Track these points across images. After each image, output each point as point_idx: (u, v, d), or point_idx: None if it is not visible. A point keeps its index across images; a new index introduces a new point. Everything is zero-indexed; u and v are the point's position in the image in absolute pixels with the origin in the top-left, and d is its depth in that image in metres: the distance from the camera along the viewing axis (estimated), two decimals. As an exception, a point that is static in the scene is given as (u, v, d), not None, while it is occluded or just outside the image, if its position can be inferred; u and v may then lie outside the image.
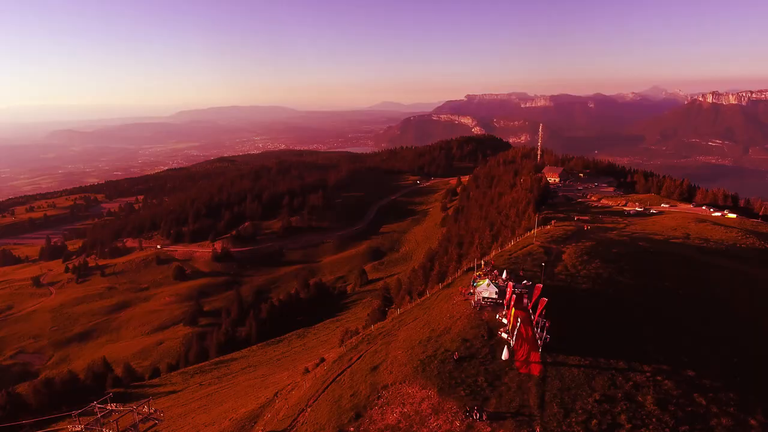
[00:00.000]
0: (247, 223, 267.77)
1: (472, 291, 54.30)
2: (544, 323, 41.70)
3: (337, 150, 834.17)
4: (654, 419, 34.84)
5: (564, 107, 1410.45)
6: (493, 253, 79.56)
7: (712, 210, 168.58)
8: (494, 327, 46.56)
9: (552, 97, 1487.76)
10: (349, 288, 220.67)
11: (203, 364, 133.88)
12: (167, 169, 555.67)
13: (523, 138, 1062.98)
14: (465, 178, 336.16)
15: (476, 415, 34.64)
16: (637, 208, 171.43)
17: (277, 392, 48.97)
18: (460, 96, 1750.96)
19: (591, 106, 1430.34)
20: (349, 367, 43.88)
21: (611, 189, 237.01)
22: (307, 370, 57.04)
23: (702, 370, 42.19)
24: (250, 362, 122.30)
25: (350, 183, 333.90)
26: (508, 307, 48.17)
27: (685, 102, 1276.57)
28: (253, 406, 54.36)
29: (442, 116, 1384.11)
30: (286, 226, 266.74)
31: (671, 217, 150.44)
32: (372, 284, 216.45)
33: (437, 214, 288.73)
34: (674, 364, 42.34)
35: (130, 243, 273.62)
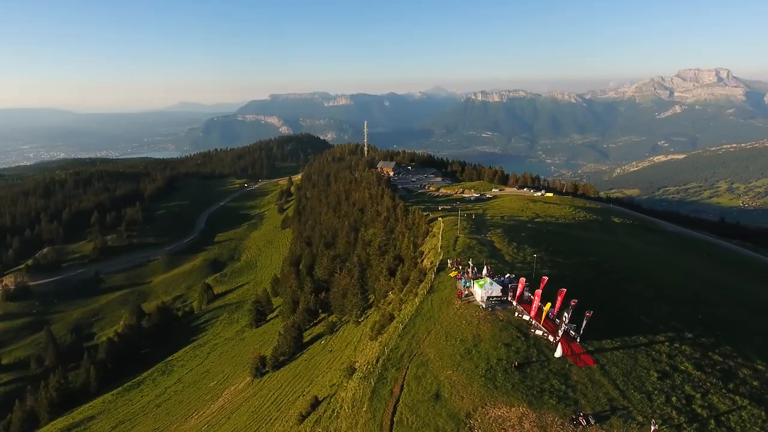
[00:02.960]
0: (46, 249, 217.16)
1: (468, 292, 52.42)
2: (584, 313, 41.93)
3: (133, 156, 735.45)
4: (708, 384, 38.10)
5: (363, 105, 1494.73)
6: (428, 250, 78.45)
7: (532, 191, 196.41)
8: (520, 326, 45.56)
9: (352, 96, 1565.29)
10: (194, 307, 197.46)
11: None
12: None
13: (329, 135, 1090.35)
14: (296, 178, 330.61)
15: (583, 421, 33.06)
16: (474, 195, 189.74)
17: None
18: (265, 96, 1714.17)
19: (387, 104, 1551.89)
20: (397, 402, 37.78)
21: (440, 179, 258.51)
22: (302, 416, 47.66)
23: (690, 330, 47.82)
24: (119, 417, 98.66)
25: (170, 191, 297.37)
26: (528, 302, 47.74)
27: (462, 100, 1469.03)
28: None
29: (247, 116, 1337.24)
30: (100, 246, 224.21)
31: (509, 199, 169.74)
32: (221, 299, 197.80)
33: (275, 217, 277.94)
34: (673, 329, 47.07)
35: None
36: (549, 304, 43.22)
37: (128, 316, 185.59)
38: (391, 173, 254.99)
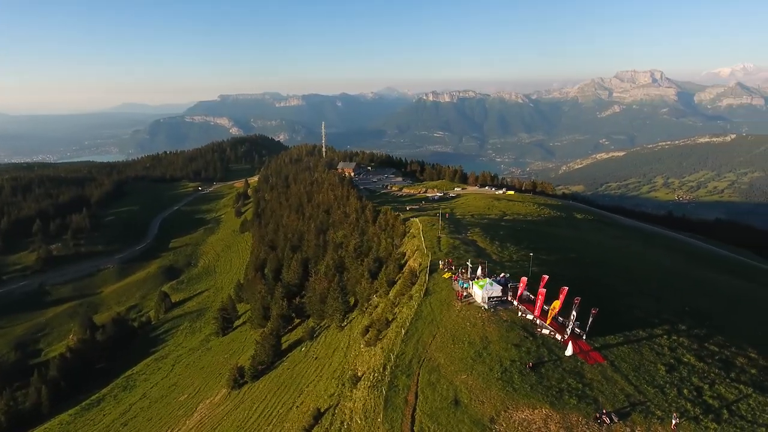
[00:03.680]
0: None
1: (467, 293, 51.99)
2: (584, 310, 42.33)
3: (74, 160, 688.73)
4: (712, 374, 39.31)
5: (315, 106, 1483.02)
6: (412, 251, 77.62)
7: (494, 189, 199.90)
8: (525, 326, 45.55)
9: (303, 97, 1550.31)
10: (152, 316, 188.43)
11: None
12: None
13: (281, 136, 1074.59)
14: (252, 180, 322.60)
15: (607, 420, 33.19)
16: (438, 194, 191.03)
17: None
18: (214, 96, 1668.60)
19: (339, 104, 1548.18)
20: (414, 410, 36.64)
21: (400, 179, 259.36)
22: (305, 430, 45.38)
23: (682, 322, 49.40)
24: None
25: (119, 196, 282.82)
26: (528, 302, 47.81)
27: (414, 100, 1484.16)
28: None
29: (196, 117, 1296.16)
30: (44, 257, 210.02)
31: (473, 198, 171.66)
32: (180, 307, 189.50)
33: (232, 220, 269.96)
34: (667, 322, 48.44)
35: None
36: (557, 303, 43.38)
37: (79, 330, 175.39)
38: (352, 174, 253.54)
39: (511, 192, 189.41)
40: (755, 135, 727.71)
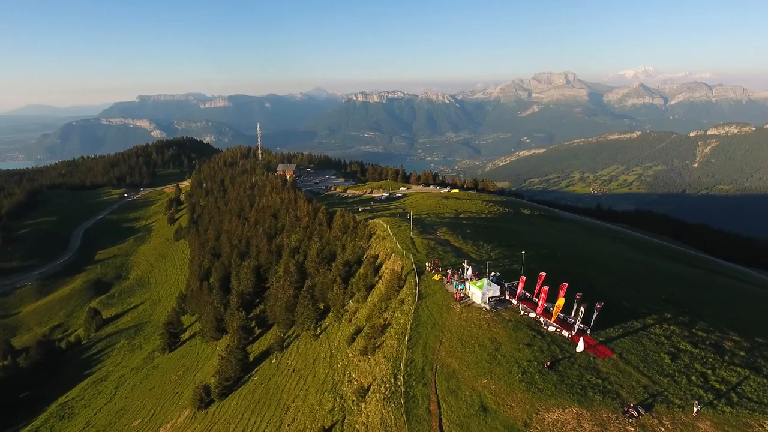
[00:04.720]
0: None
1: (464, 294, 51.42)
2: (595, 306, 43.12)
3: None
4: (710, 359, 41.33)
5: (243, 107, 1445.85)
6: (386, 254, 76.01)
7: (438, 188, 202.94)
8: (530, 324, 45.66)
9: (230, 98, 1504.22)
10: (81, 335, 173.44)
11: None
12: None
13: (207, 139, 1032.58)
14: (184, 185, 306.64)
15: (634, 413, 33.76)
16: (384, 194, 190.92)
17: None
18: (132, 97, 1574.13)
19: (267, 105, 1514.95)
20: (440, 421, 35.32)
21: (342, 180, 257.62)
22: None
23: (666, 310, 51.81)
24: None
25: (33, 206, 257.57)
26: (524, 300, 48.04)
27: (343, 101, 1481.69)
28: None
29: (113, 120, 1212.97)
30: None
31: (420, 196, 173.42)
32: (113, 324, 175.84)
33: (165, 228, 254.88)
34: (654, 312, 50.56)
35: None
36: (561, 300, 43.83)
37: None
38: (292, 176, 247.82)
39: (456, 190, 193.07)
40: (657, 132, 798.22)
